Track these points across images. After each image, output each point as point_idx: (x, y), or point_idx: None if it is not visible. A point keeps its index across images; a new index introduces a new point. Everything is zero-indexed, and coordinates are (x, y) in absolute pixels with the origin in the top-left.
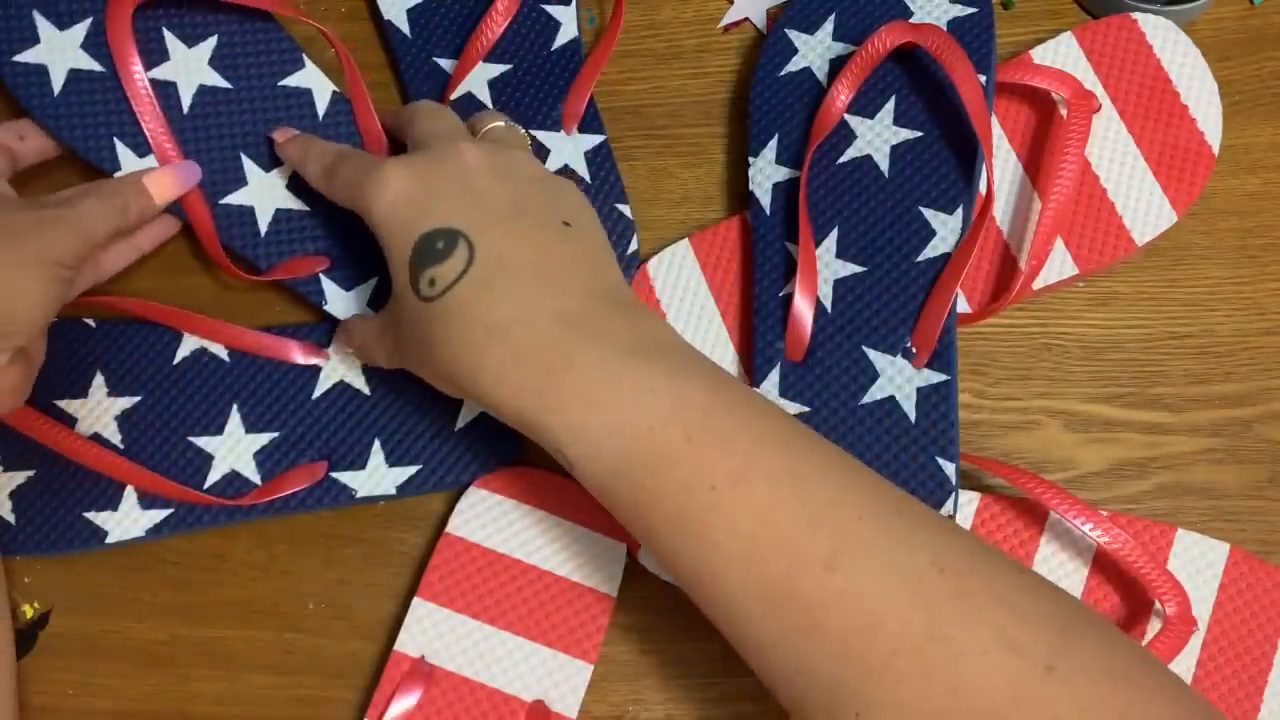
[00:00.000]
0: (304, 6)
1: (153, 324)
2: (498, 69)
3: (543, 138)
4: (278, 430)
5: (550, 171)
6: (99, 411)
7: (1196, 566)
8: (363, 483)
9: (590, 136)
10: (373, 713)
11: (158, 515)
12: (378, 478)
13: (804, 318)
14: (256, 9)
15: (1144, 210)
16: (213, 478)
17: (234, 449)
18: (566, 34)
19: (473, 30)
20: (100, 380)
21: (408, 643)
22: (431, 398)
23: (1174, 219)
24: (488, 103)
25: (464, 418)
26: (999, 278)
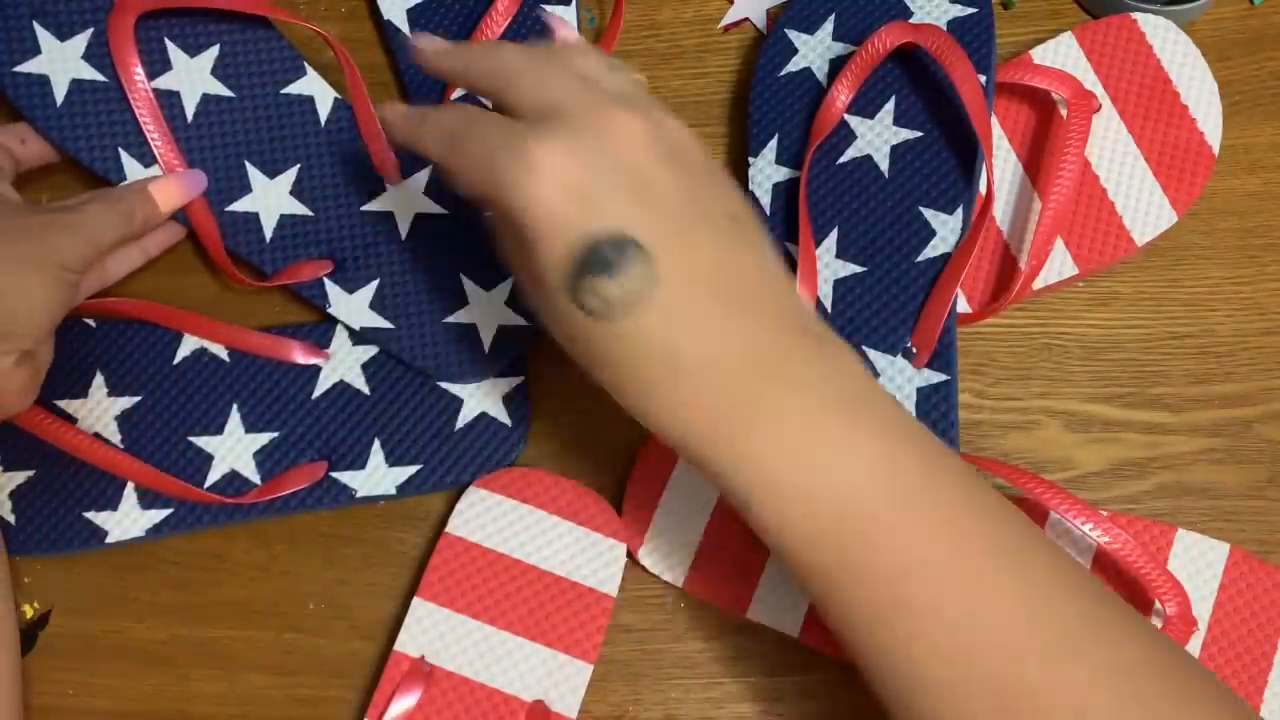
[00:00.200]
0: (304, 7)
1: (153, 324)
2: None
3: None
4: (278, 430)
5: (693, 135)
6: (99, 411)
7: (1196, 566)
8: (363, 483)
9: None
10: (373, 713)
11: (157, 515)
12: (378, 478)
13: None
14: (258, 18)
15: (1144, 210)
16: (213, 477)
17: (234, 449)
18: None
19: (473, 30)
20: (100, 380)
21: (408, 643)
22: (431, 398)
23: (1174, 219)
24: (487, 103)
25: (464, 418)
26: (999, 278)
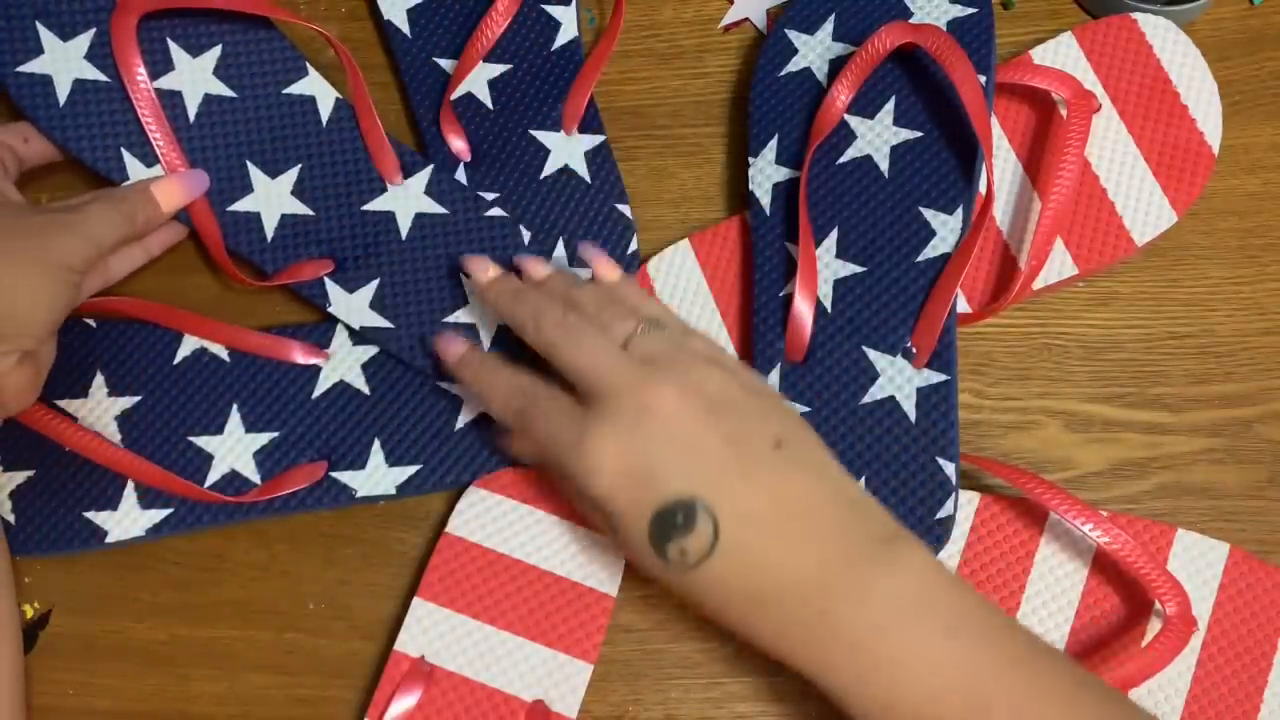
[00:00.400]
0: (304, 7)
1: (153, 324)
2: (498, 69)
3: (542, 138)
4: (278, 430)
5: (734, 366)
6: (99, 411)
7: (1196, 566)
8: (363, 483)
9: (590, 136)
10: (373, 712)
11: (157, 515)
12: (378, 478)
13: (804, 318)
14: (259, 18)
15: (1144, 210)
16: (213, 477)
17: (234, 449)
18: (566, 34)
19: (473, 30)
20: (100, 380)
21: (408, 643)
22: (431, 398)
23: (1174, 219)
24: (487, 103)
25: (464, 418)
26: (999, 278)
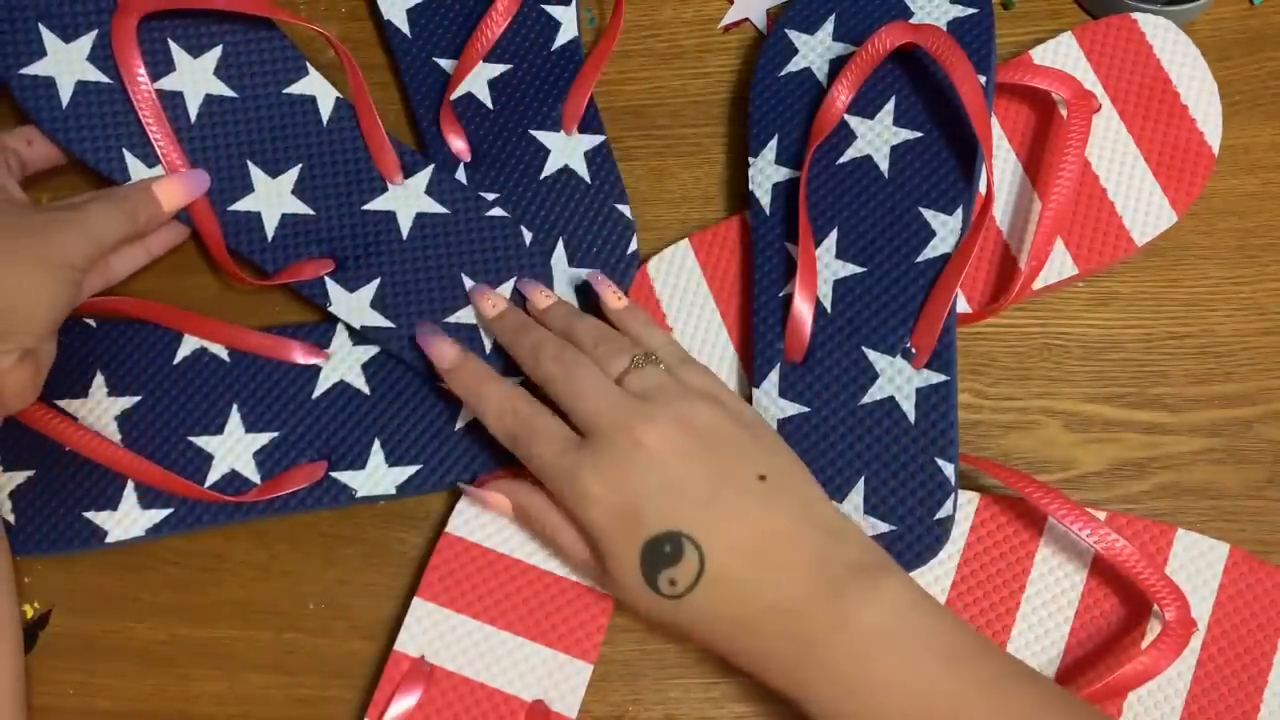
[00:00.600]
0: (305, 8)
1: (153, 324)
2: (498, 69)
3: (542, 138)
4: (278, 430)
5: (726, 398)
6: (99, 411)
7: (1196, 567)
8: (363, 483)
9: (590, 136)
10: (373, 712)
11: (157, 515)
12: (378, 478)
13: (804, 318)
14: (260, 18)
15: (1144, 210)
16: (213, 477)
17: (234, 449)
18: (566, 34)
19: (473, 30)
20: (100, 380)
21: (408, 643)
22: (431, 398)
23: (1174, 219)
24: (487, 103)
25: (464, 418)
26: (999, 278)
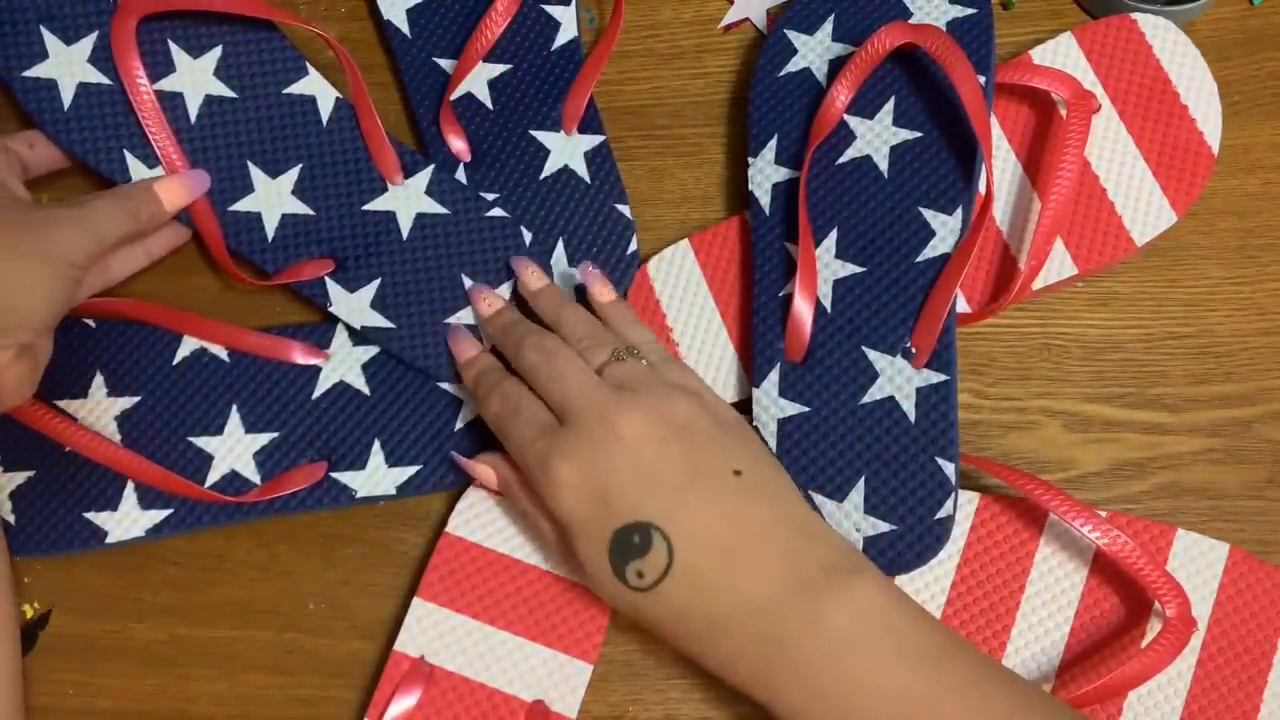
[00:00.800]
0: (305, 8)
1: (153, 324)
2: (498, 69)
3: (542, 138)
4: (278, 430)
5: (706, 395)
6: (99, 411)
7: (1196, 566)
8: (363, 483)
9: (590, 136)
10: (373, 712)
11: (158, 515)
12: (378, 478)
13: (804, 318)
14: (259, 19)
15: (1144, 210)
16: (213, 478)
17: (234, 449)
18: (566, 34)
19: (473, 30)
20: (100, 380)
21: (408, 643)
22: (431, 398)
23: (1174, 219)
24: (487, 103)
25: (464, 418)
26: (999, 278)
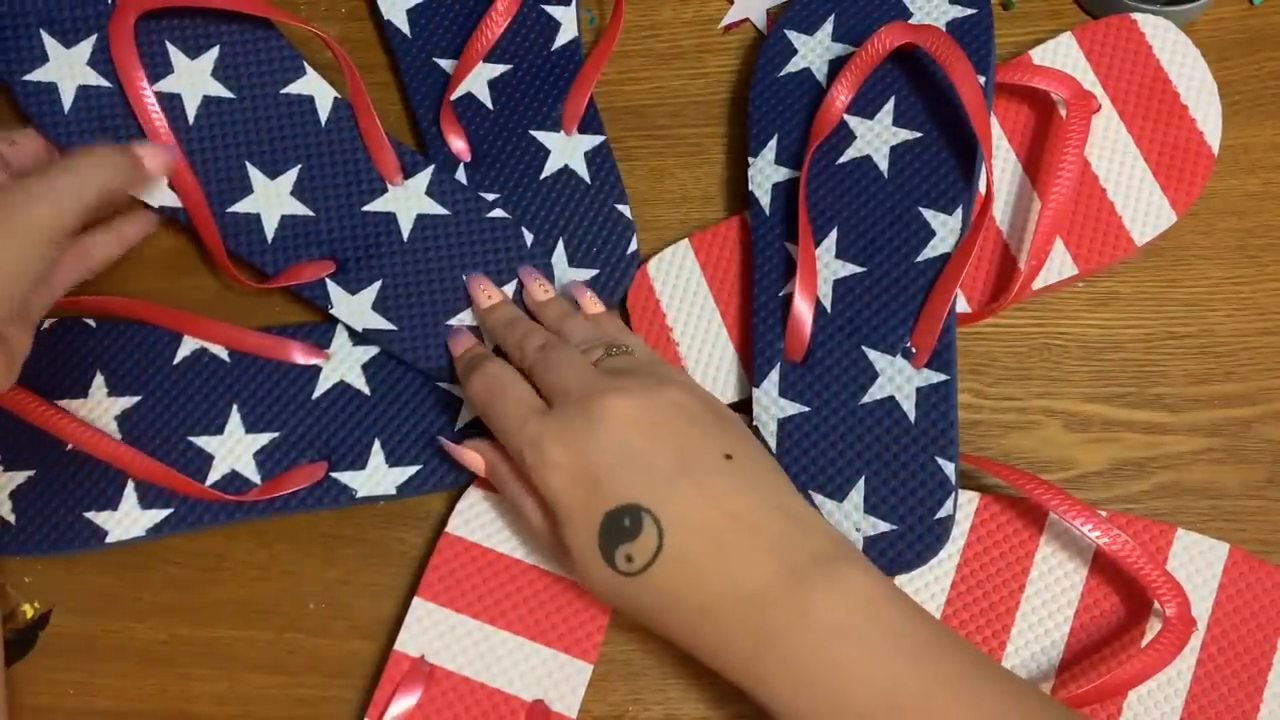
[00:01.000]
0: (304, 8)
1: (153, 324)
2: (498, 69)
3: (542, 138)
4: (278, 430)
5: (697, 389)
6: (99, 411)
7: (1196, 566)
8: (363, 483)
9: (590, 137)
10: (373, 712)
11: (158, 515)
12: (378, 478)
13: (804, 318)
14: (258, 18)
15: (1144, 210)
16: (213, 478)
17: (234, 449)
18: (566, 34)
19: (473, 30)
20: (100, 380)
21: (408, 642)
22: (431, 398)
23: (1174, 219)
24: (487, 103)
25: (464, 418)
26: (999, 278)
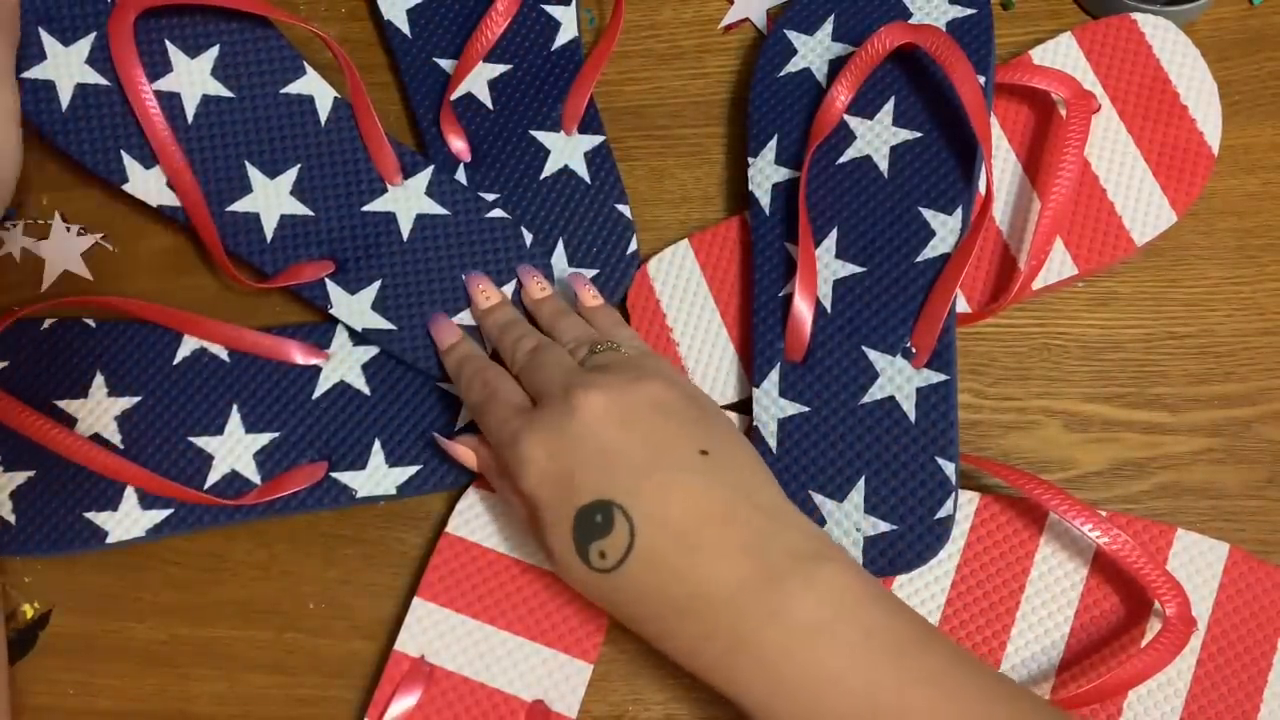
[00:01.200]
0: (304, 7)
1: (153, 324)
2: (498, 69)
3: (542, 138)
4: (278, 430)
5: (682, 383)
6: (99, 412)
7: (1196, 566)
8: (363, 483)
9: (590, 137)
10: (373, 712)
11: (158, 515)
12: (378, 478)
13: (804, 318)
14: (258, 17)
15: (1144, 210)
16: (213, 478)
17: (234, 449)
18: (566, 34)
19: (473, 30)
20: (100, 380)
21: (408, 642)
22: (431, 398)
23: (1173, 219)
24: (487, 103)
25: (464, 418)
26: (999, 278)
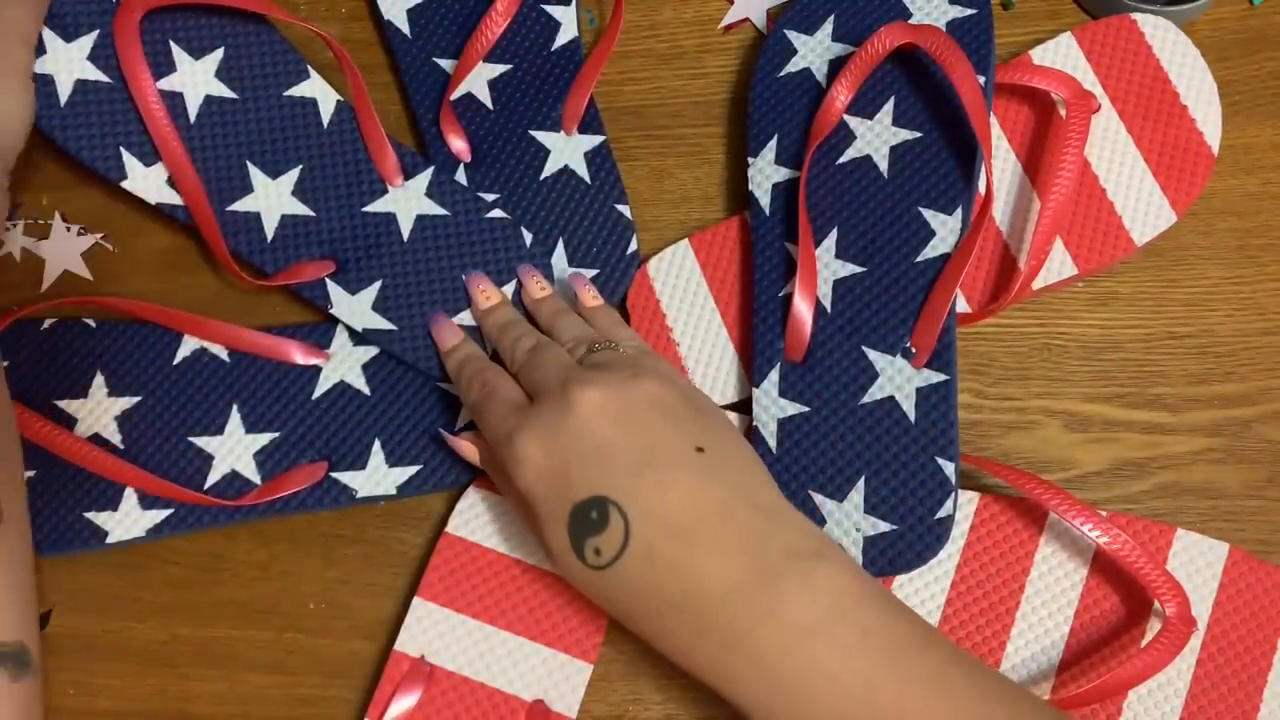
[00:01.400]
0: (305, 8)
1: (153, 324)
2: (498, 69)
3: (542, 138)
4: (278, 430)
5: (679, 381)
6: (99, 412)
7: (1196, 566)
8: (363, 483)
9: (590, 137)
10: (373, 712)
11: (158, 515)
12: (378, 478)
13: (804, 318)
14: (261, 20)
15: (1143, 210)
16: (213, 478)
17: (234, 449)
18: (566, 34)
19: (473, 30)
20: (100, 380)
21: (408, 642)
22: (432, 398)
23: (1173, 219)
24: (487, 103)
25: (464, 418)
26: (999, 278)
